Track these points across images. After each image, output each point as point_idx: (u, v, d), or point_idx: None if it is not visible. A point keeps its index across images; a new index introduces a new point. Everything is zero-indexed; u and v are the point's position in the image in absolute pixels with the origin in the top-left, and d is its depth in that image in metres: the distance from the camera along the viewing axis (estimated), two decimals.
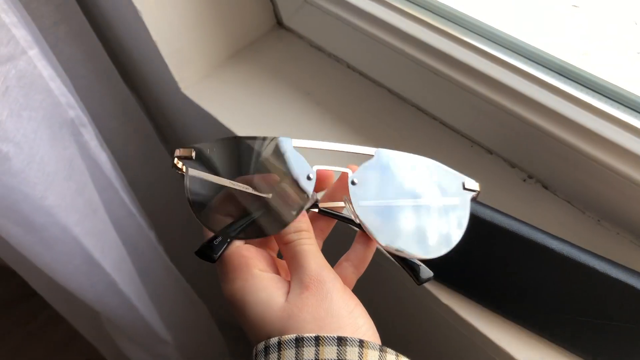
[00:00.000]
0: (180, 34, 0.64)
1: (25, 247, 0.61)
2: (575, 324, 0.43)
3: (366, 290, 0.40)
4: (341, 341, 0.30)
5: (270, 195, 0.37)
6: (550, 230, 0.45)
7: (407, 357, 0.32)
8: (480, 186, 0.40)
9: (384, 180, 0.38)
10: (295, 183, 0.37)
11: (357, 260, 0.38)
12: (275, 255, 0.41)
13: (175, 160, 0.37)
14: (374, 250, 0.39)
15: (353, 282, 0.38)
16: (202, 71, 0.70)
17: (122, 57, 0.77)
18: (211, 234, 0.37)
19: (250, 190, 0.37)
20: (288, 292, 0.34)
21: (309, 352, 0.30)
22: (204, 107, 0.66)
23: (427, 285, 0.50)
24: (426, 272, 0.38)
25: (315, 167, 0.37)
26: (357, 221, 0.37)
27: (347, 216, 0.39)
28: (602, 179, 0.47)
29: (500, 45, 0.51)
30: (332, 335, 0.30)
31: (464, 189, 0.39)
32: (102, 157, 0.67)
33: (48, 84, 0.57)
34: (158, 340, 0.91)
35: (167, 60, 0.65)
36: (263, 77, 0.68)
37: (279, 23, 0.74)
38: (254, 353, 0.32)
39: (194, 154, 0.37)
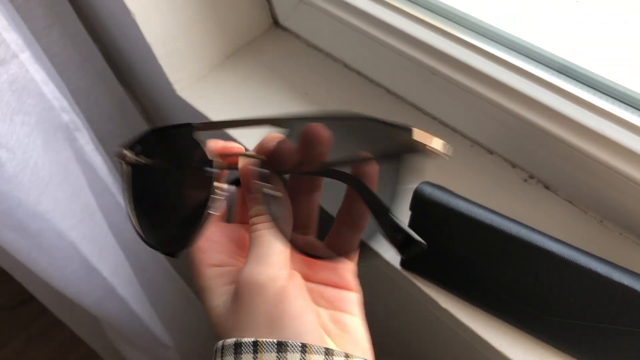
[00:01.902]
0: (175, 35, 0.64)
1: (21, 253, 0.61)
2: (577, 328, 0.42)
3: (364, 295, 0.39)
4: (281, 346, 0.28)
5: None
6: (552, 231, 0.44)
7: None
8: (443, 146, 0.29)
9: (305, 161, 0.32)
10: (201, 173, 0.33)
11: None
12: None
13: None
14: None
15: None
16: (197, 72, 0.69)
17: (117, 59, 0.76)
18: None
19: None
20: None
21: (247, 358, 0.28)
22: (200, 109, 0.66)
23: (426, 288, 0.49)
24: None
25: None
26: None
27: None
28: (604, 178, 0.46)
29: (499, 43, 0.50)
30: (271, 340, 0.28)
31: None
32: (98, 160, 0.66)
33: (41, 87, 0.56)
34: (158, 344, 0.90)
35: (162, 62, 0.64)
36: (260, 77, 0.68)
37: (276, 23, 0.73)
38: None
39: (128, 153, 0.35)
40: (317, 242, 0.36)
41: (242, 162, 0.33)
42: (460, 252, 0.46)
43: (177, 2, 0.62)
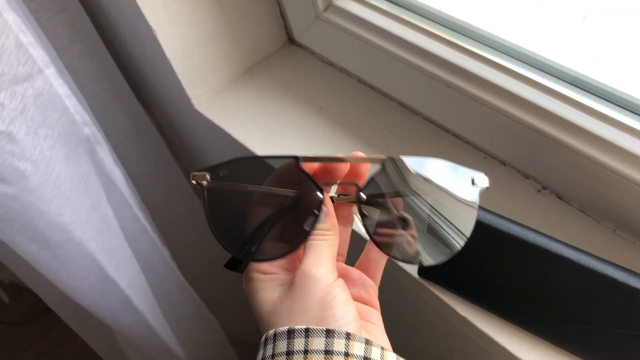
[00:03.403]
0: (193, 51, 0.65)
1: (41, 264, 0.62)
2: (594, 335, 0.43)
3: (380, 302, 0.40)
4: (329, 333, 0.32)
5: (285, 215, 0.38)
6: (566, 241, 0.45)
7: None
8: (490, 181, 0.39)
9: (391, 189, 0.38)
10: (306, 205, 0.37)
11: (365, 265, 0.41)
12: None
13: (193, 181, 0.38)
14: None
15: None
16: (215, 88, 0.70)
17: (136, 75, 0.78)
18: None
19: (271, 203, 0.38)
20: None
21: (299, 342, 0.32)
22: (218, 123, 0.67)
23: (443, 296, 0.50)
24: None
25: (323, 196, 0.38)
26: (367, 237, 0.38)
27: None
28: (617, 187, 0.47)
29: (511, 56, 0.51)
30: (321, 328, 0.32)
31: (472, 184, 0.38)
32: (117, 173, 0.68)
33: (64, 102, 0.57)
34: (171, 357, 0.91)
35: (181, 77, 0.66)
36: (275, 92, 0.69)
37: (291, 40, 0.75)
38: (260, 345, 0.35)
39: (208, 177, 0.38)
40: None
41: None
42: (477, 260, 0.47)
43: (195, 19, 0.63)
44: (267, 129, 0.65)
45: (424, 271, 0.51)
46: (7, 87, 0.50)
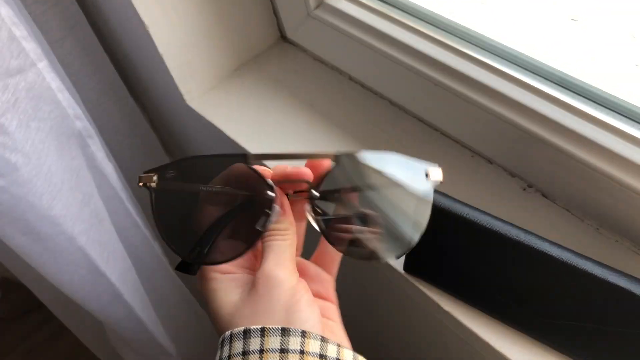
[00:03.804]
0: (186, 47, 0.66)
1: (31, 257, 0.62)
2: (575, 330, 0.44)
3: (366, 297, 0.41)
4: (285, 332, 0.32)
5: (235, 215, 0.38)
6: (550, 238, 0.46)
7: None
8: (443, 174, 0.38)
9: (347, 185, 0.38)
10: (261, 204, 0.37)
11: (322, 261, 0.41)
12: None
13: (140, 183, 0.37)
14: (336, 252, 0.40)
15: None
16: (207, 83, 0.71)
17: (128, 70, 0.78)
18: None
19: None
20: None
21: (255, 342, 0.32)
22: (209, 119, 0.68)
23: (428, 292, 0.50)
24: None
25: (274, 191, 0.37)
26: (319, 231, 0.38)
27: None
28: (601, 187, 0.48)
29: (499, 56, 0.52)
30: (276, 327, 0.32)
31: (427, 178, 0.37)
32: (109, 168, 0.68)
33: (56, 95, 0.58)
34: (161, 352, 0.91)
35: (173, 72, 0.66)
36: (267, 89, 0.70)
37: (283, 37, 0.75)
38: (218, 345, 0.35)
39: (155, 178, 0.37)
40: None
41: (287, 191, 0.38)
42: (461, 256, 0.48)
43: (188, 15, 0.64)
44: (258, 125, 0.66)
45: (409, 266, 0.51)
46: None
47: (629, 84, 0.47)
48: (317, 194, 0.37)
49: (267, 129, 0.65)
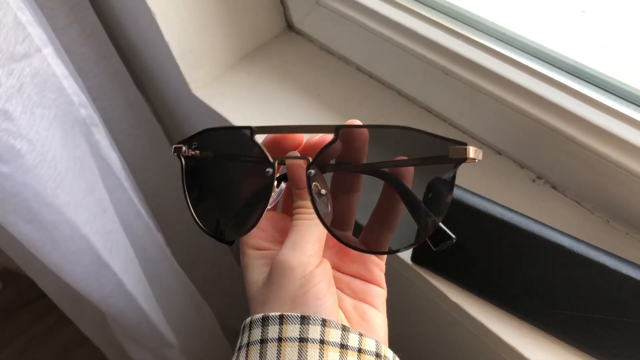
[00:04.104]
0: (192, 35, 0.65)
1: (34, 245, 0.62)
2: (586, 321, 0.43)
3: None
4: (304, 320, 0.31)
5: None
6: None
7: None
8: (474, 151, 0.31)
9: (348, 162, 0.35)
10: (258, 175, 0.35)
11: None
12: None
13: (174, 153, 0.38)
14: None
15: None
16: (213, 73, 0.70)
17: (133, 59, 0.77)
18: None
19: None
20: None
21: (273, 330, 0.31)
22: (215, 108, 0.67)
23: (436, 283, 0.50)
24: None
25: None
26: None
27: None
28: (611, 177, 0.47)
29: (510, 44, 0.52)
30: (295, 314, 0.31)
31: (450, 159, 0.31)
32: (113, 156, 0.68)
33: (61, 82, 0.57)
34: (163, 343, 0.91)
35: (179, 61, 0.65)
36: (273, 78, 0.69)
37: (290, 26, 0.74)
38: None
39: (184, 148, 0.37)
40: (353, 237, 0.38)
41: (290, 160, 0.35)
42: (470, 246, 0.47)
43: (195, 3, 0.63)
44: (264, 115, 0.65)
45: (417, 257, 0.51)
46: (4, 65, 0.50)
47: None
48: (312, 171, 0.34)
49: (273, 119, 0.65)
